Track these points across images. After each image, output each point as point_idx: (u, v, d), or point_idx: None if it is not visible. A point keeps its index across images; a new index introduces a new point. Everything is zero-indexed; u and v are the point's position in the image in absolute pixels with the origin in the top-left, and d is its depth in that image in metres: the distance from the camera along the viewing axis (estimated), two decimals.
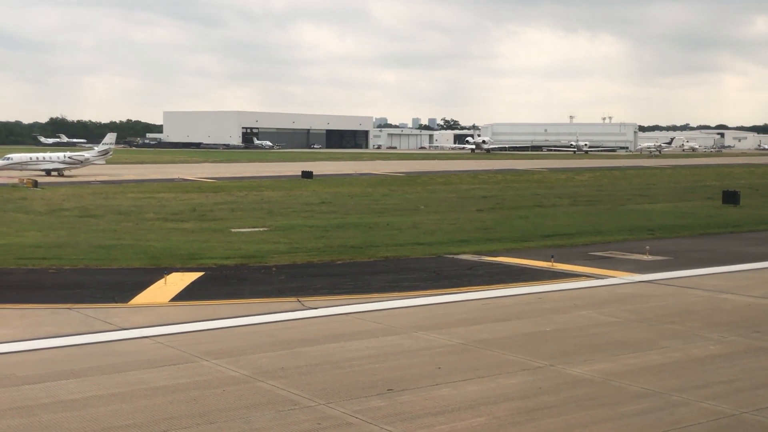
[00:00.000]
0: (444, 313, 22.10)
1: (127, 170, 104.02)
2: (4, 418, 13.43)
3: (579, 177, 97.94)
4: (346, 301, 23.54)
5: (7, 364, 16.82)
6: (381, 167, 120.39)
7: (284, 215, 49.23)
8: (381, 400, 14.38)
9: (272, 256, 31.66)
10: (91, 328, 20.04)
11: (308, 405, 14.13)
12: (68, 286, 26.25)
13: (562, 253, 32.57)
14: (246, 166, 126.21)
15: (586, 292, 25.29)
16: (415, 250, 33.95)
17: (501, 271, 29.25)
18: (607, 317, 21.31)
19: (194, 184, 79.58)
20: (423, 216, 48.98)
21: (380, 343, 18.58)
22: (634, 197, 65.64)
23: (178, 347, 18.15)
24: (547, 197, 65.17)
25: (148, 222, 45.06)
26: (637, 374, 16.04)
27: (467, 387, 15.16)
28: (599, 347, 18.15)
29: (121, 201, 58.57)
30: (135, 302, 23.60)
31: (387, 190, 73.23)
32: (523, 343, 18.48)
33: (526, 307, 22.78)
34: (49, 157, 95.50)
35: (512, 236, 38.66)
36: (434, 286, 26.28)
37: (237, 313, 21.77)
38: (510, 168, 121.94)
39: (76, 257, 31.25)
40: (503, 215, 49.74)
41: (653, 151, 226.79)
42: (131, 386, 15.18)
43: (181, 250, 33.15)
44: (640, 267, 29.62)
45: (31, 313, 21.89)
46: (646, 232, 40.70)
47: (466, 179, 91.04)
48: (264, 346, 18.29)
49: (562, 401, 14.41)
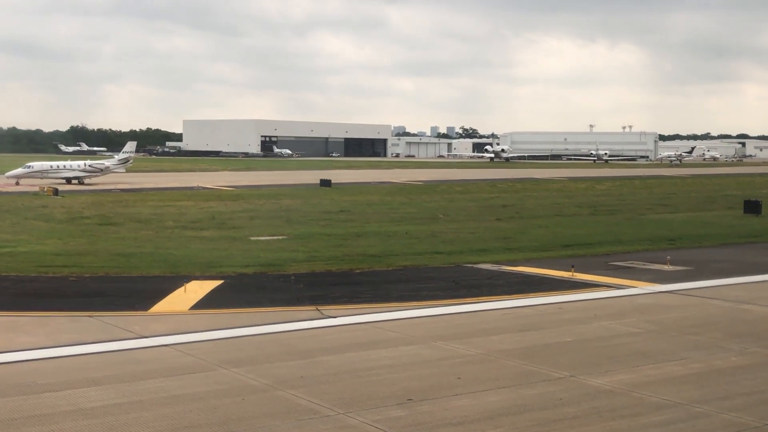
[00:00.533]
0: (463, 323, 22.02)
1: (146, 178, 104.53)
2: (26, 425, 13.48)
3: (599, 186, 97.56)
4: (364, 310, 23.50)
5: (28, 372, 16.90)
6: (399, 176, 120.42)
7: (303, 223, 49.29)
8: (401, 410, 14.33)
9: (291, 265, 31.69)
10: (111, 336, 20.11)
11: (327, 414, 14.10)
12: (88, 294, 26.37)
13: (583, 262, 32.41)
14: (265, 174, 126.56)
15: (606, 303, 25.14)
16: (434, 259, 33.89)
17: (521, 280, 29.14)
18: (628, 328, 21.17)
19: (213, 193, 79.86)
20: (442, 225, 48.92)
21: (399, 352, 18.53)
22: (654, 207, 65.30)
23: (198, 356, 18.18)
24: (567, 206, 64.94)
25: (167, 230, 45.24)
26: (658, 385, 15.91)
27: (487, 397, 15.09)
28: (620, 358, 18.03)
29: (140, 209, 58.83)
30: (155, 310, 23.67)
31: (405, 198, 73.20)
32: (543, 354, 18.38)
33: (546, 318, 22.67)
34: (70, 166, 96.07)
35: (532, 246, 38.53)
36: (453, 295, 26.20)
37: (256, 322, 21.78)
38: (529, 177, 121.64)
39: (96, 265, 31.40)
40: (523, 224, 49.59)
41: (674, 161, 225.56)
42: (151, 394, 15.21)
43: (200, 258, 33.25)
44: (661, 277, 29.43)
45: (51, 320, 22.00)
46: (666, 241, 40.46)
47: (485, 188, 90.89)
48: (283, 354, 18.28)
49: (582, 412, 14.32)
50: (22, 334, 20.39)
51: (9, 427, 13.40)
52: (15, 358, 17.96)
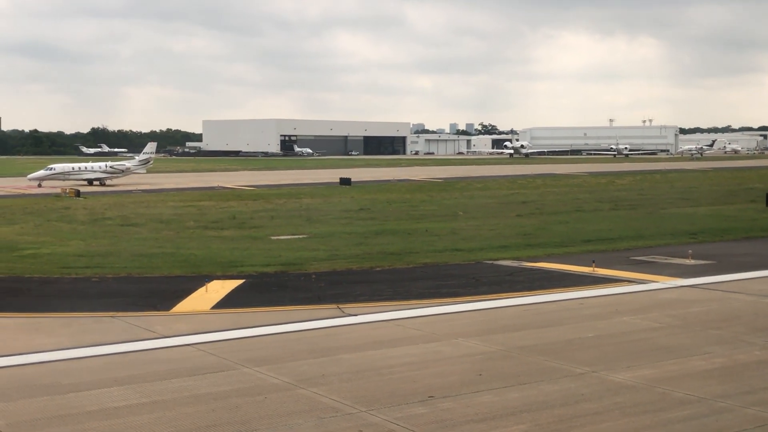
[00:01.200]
0: (484, 320, 22.01)
1: (167, 179, 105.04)
2: (50, 425, 13.61)
3: (619, 181, 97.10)
4: (385, 307, 23.52)
5: (53, 372, 17.05)
6: (419, 173, 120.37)
7: (323, 222, 49.39)
8: (422, 407, 14.34)
9: (312, 263, 31.76)
10: (134, 336, 20.25)
11: (349, 412, 14.14)
12: (111, 295, 26.55)
13: (604, 258, 32.30)
14: (284, 173, 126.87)
15: (628, 298, 25.05)
16: (455, 257, 33.86)
17: (541, 276, 29.07)
18: (650, 323, 21.08)
19: (233, 192, 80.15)
20: (462, 222, 48.87)
21: (420, 350, 18.55)
22: (675, 201, 64.95)
23: (220, 355, 18.27)
24: (588, 202, 64.71)
25: (188, 230, 45.47)
26: (680, 380, 15.84)
27: (509, 394, 15.08)
28: (642, 353, 17.96)
29: (161, 209, 59.14)
30: (177, 310, 23.80)
31: (425, 196, 73.17)
32: (564, 350, 18.34)
33: (568, 313, 22.61)
34: (91, 167, 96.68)
35: (552, 241, 38.43)
36: (474, 292, 26.18)
37: (277, 321, 21.86)
38: (549, 173, 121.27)
39: (118, 266, 31.61)
40: (543, 220, 49.46)
41: (694, 154, 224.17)
42: (174, 394, 15.31)
43: (221, 258, 33.39)
44: (683, 271, 29.28)
45: (75, 321, 22.17)
46: (688, 236, 40.23)
47: (504, 184, 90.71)
48: (304, 353, 18.34)
49: (604, 408, 14.28)
50: (46, 335, 20.57)
51: (34, 427, 13.53)
52: (39, 359, 18.12)
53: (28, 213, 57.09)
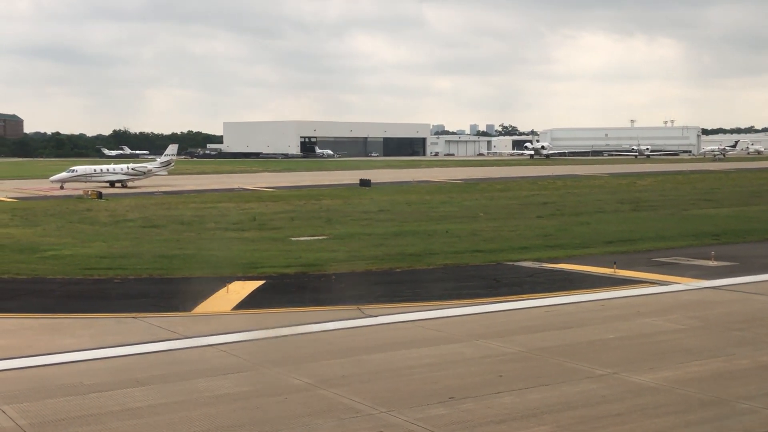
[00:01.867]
0: (505, 321, 21.96)
1: (188, 181, 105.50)
2: (73, 425, 13.70)
3: (641, 182, 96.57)
4: (405, 309, 23.52)
5: (75, 373, 17.16)
6: (439, 174, 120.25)
7: (343, 223, 49.43)
8: (443, 408, 14.32)
9: (332, 265, 31.80)
10: (156, 337, 20.35)
11: (370, 413, 14.14)
12: (133, 296, 26.71)
13: (625, 259, 32.14)
14: (304, 175, 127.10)
15: (649, 299, 24.91)
16: (475, 258, 33.80)
17: (562, 278, 28.96)
18: (672, 324, 20.95)
19: (254, 194, 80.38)
20: (482, 223, 48.77)
21: (441, 351, 18.53)
22: (698, 202, 64.52)
23: (241, 355, 18.32)
24: (609, 203, 64.39)
25: (209, 231, 45.64)
26: (703, 382, 15.74)
27: (530, 395, 15.03)
28: (664, 355, 17.85)
29: (183, 211, 59.40)
30: (198, 311, 23.90)
31: (445, 197, 73.08)
32: (585, 351, 18.26)
33: (589, 315, 22.52)
34: (113, 169, 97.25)
35: (573, 243, 38.28)
36: (494, 293, 26.12)
37: (298, 321, 21.89)
38: (570, 174, 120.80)
39: (140, 267, 31.78)
40: (564, 221, 49.27)
41: (717, 155, 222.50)
42: (195, 394, 15.37)
43: (242, 259, 33.49)
44: (705, 273, 29.08)
45: (97, 322, 22.31)
46: (710, 237, 39.96)
47: (525, 185, 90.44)
48: (325, 354, 18.36)
49: (626, 409, 14.20)
50: (68, 335, 20.70)
51: (56, 427, 13.62)
52: (61, 359, 18.24)
53: (50, 215, 57.49)
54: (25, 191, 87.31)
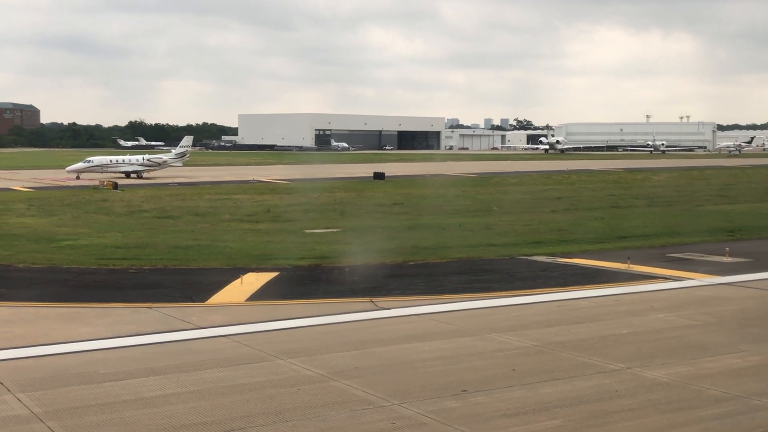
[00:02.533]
0: (518, 315, 21.96)
1: (203, 172, 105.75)
2: (87, 414, 13.81)
3: (656, 177, 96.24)
4: (418, 301, 23.57)
5: (90, 362, 17.29)
6: (453, 168, 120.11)
7: (357, 216, 49.48)
8: (455, 401, 14.37)
9: (345, 257, 31.84)
10: (170, 327, 20.47)
11: (382, 405, 14.20)
12: (147, 286, 26.86)
13: (639, 254, 32.07)
14: (319, 167, 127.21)
15: (663, 295, 24.86)
16: (488, 252, 33.80)
17: (576, 272, 28.94)
18: (686, 320, 20.92)
19: (268, 186, 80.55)
20: (496, 217, 48.74)
21: (453, 344, 18.56)
22: (712, 198, 64.26)
23: (254, 346, 18.41)
24: (623, 198, 64.22)
25: (224, 223, 45.79)
26: (716, 378, 15.72)
27: (542, 389, 15.05)
28: (677, 350, 17.84)
29: (197, 202, 59.61)
30: (212, 302, 24.02)
31: (459, 191, 73.04)
32: (599, 346, 18.26)
33: (602, 310, 22.50)
34: (128, 160, 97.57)
35: (587, 237, 38.23)
36: (508, 287, 26.13)
37: (311, 313, 21.98)
38: (585, 168, 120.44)
39: (155, 257, 31.94)
40: (578, 216, 49.18)
41: (732, 151, 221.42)
42: (209, 384, 15.47)
43: (256, 251, 33.61)
44: (720, 269, 29.00)
45: (112, 312, 22.45)
46: (725, 233, 39.81)
47: (539, 180, 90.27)
48: (338, 345, 18.43)
49: (638, 405, 14.21)
50: (84, 325, 20.85)
51: (71, 415, 13.74)
52: (77, 348, 18.39)
53: (66, 205, 57.79)
54: (41, 181, 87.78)
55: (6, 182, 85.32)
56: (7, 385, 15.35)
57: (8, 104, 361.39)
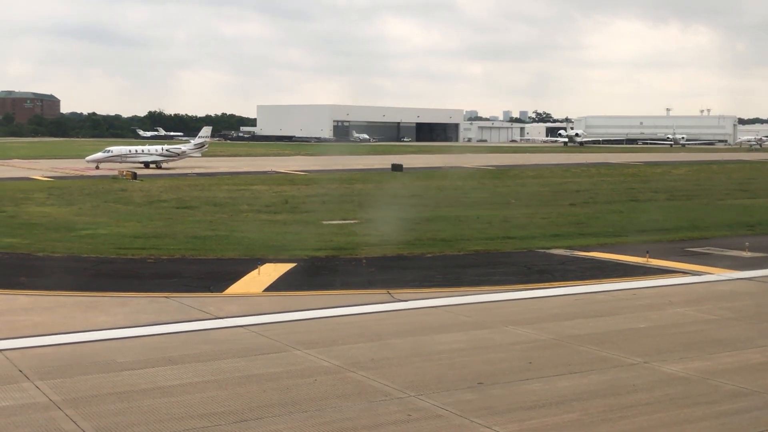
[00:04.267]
0: (535, 308, 21.92)
1: (222, 163, 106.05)
2: (105, 402, 13.91)
3: (676, 171, 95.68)
4: (436, 294, 23.56)
5: (109, 351, 17.39)
6: (471, 160, 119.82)
7: (375, 207, 49.47)
8: (471, 393, 14.37)
9: (363, 248, 31.89)
10: (188, 317, 20.56)
11: (398, 396, 14.22)
12: (166, 276, 26.99)
13: (658, 248, 31.91)
14: (337, 158, 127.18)
15: (682, 289, 24.74)
16: (506, 244, 33.73)
17: (594, 266, 28.84)
18: (704, 315, 20.81)
19: (286, 177, 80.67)
20: (514, 210, 48.62)
21: (470, 336, 18.56)
22: (733, 192, 63.82)
23: (271, 336, 18.47)
24: (643, 191, 63.90)
25: (242, 213, 45.91)
26: (734, 373, 15.64)
27: (559, 382, 15.03)
28: (695, 345, 17.76)
29: (216, 193, 59.78)
30: (229, 292, 24.10)
31: (477, 183, 72.90)
32: (616, 340, 18.20)
33: (620, 303, 22.42)
34: (148, 150, 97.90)
35: (606, 231, 38.08)
36: (525, 280, 26.08)
37: (328, 304, 22.01)
38: (604, 161, 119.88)
39: (173, 247, 32.07)
40: (597, 209, 49.00)
41: (753, 145, 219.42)
42: (226, 374, 15.53)
43: (273, 242, 33.69)
44: (739, 264, 28.82)
45: (130, 301, 22.57)
46: (745, 227, 39.56)
47: (558, 173, 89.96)
48: (355, 337, 18.46)
49: (655, 399, 14.16)
50: (102, 313, 20.98)
51: (89, 404, 13.84)
52: (95, 337, 18.51)
53: (85, 194, 58.10)
54: (61, 171, 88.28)
55: (26, 171, 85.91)
56: (26, 372, 15.48)
57: (29, 94, 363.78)
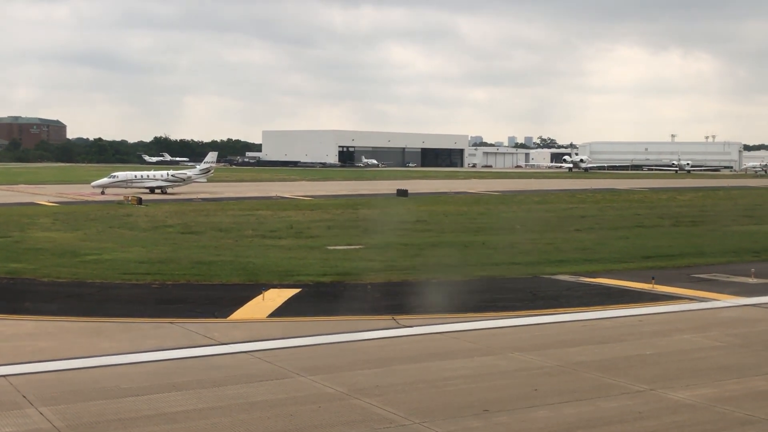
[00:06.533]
0: (541, 335, 21.81)
1: (227, 188, 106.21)
2: (109, 428, 13.83)
3: (681, 197, 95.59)
4: (441, 320, 23.47)
5: (113, 376, 17.33)
6: (476, 186, 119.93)
7: (379, 233, 49.45)
8: (477, 421, 14.26)
9: (368, 274, 31.83)
10: (192, 342, 20.50)
11: (403, 423, 14.12)
12: (170, 301, 26.94)
13: (664, 274, 31.81)
14: (342, 184, 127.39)
15: (688, 315, 24.63)
16: (511, 270, 33.66)
17: (600, 292, 28.74)
18: (711, 341, 20.69)
19: (291, 202, 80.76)
20: (519, 235, 48.55)
21: (476, 363, 18.46)
22: (739, 218, 63.67)
23: (276, 363, 18.39)
24: (648, 217, 63.79)
25: (247, 239, 45.91)
26: (741, 400, 15.51)
27: (565, 410, 14.92)
28: (702, 372, 17.64)
29: (221, 218, 59.82)
30: (234, 317, 24.04)
31: (482, 208, 72.88)
32: (622, 367, 18.09)
33: (626, 330, 22.30)
34: (153, 175, 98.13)
35: (612, 257, 37.97)
36: (531, 306, 25.99)
37: (333, 330, 21.94)
38: (609, 187, 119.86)
39: (178, 273, 32.04)
40: (602, 235, 48.90)
41: (759, 171, 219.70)
42: (230, 400, 15.45)
43: (278, 267, 33.64)
44: (745, 290, 28.70)
45: (134, 326, 22.53)
46: (751, 254, 39.43)
47: (563, 198, 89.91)
48: (359, 363, 18.38)
49: (663, 426, 14.04)
50: (106, 339, 20.93)
51: (93, 430, 13.77)
52: (99, 362, 18.45)
53: (91, 219, 58.20)
54: (67, 196, 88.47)
55: (32, 197, 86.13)
56: (29, 398, 15.42)
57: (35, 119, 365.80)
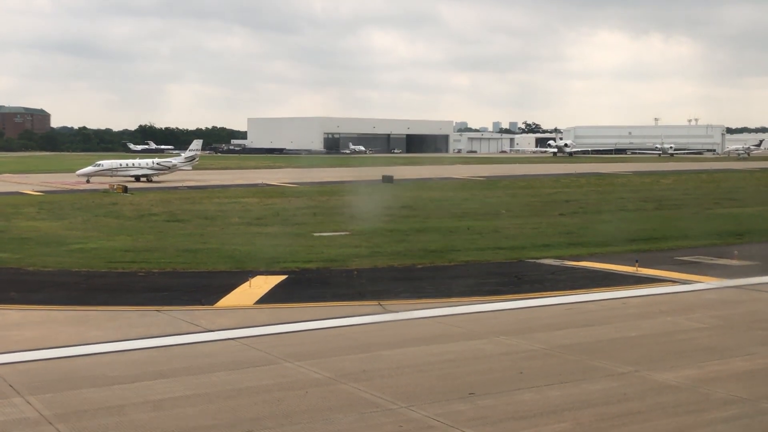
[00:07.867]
0: (526, 318, 21.96)
1: (212, 176, 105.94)
2: (96, 417, 13.88)
3: (664, 180, 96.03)
4: (427, 305, 23.57)
5: (99, 365, 17.35)
6: (461, 171, 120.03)
7: (365, 219, 49.49)
8: (463, 404, 14.38)
9: (353, 260, 31.90)
10: (179, 330, 20.53)
11: (390, 408, 14.22)
12: (156, 289, 26.93)
13: (647, 257, 32.02)
14: (327, 171, 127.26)
15: (671, 298, 24.83)
16: (497, 255, 33.79)
17: (584, 275, 28.92)
18: (694, 323, 20.89)
19: (277, 189, 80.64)
20: (504, 220, 48.70)
21: (461, 347, 18.58)
22: (721, 201, 64.05)
23: (262, 349, 18.46)
24: (632, 201, 64.09)
25: (232, 226, 45.87)
26: (724, 381, 15.70)
27: (550, 392, 15.06)
28: (686, 353, 17.82)
29: (207, 206, 59.71)
30: (220, 305, 24.07)
31: (468, 194, 73.00)
32: (607, 349, 18.25)
33: (610, 313, 22.48)
34: (138, 164, 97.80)
35: (596, 241, 38.16)
36: (516, 290, 26.14)
37: (319, 316, 22.02)
38: (593, 171, 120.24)
39: (164, 261, 32.01)
40: (586, 219, 49.12)
41: (741, 154, 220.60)
42: (217, 387, 15.51)
43: (264, 254, 33.66)
44: (728, 272, 28.93)
45: (121, 315, 22.53)
46: (734, 236, 39.71)
47: (548, 183, 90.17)
48: (346, 348, 18.46)
49: (647, 408, 14.20)
50: (93, 328, 20.93)
51: (80, 418, 13.81)
52: (86, 351, 18.46)
53: (76, 208, 57.97)
54: (51, 185, 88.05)
55: (17, 186, 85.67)
56: (17, 387, 15.44)
57: (19, 108, 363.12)
